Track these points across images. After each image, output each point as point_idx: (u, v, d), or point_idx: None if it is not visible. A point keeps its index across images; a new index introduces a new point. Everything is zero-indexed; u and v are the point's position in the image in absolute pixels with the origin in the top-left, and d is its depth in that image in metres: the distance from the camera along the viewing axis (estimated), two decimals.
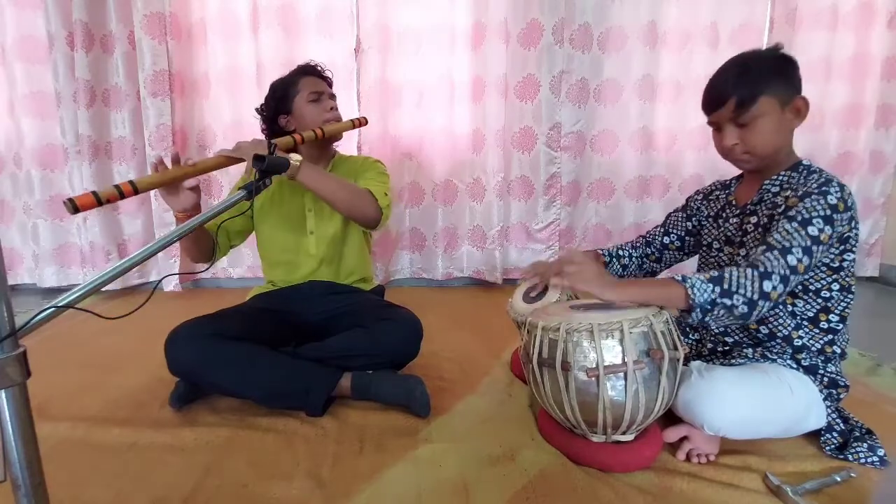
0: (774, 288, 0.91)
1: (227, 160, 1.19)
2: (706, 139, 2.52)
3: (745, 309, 0.91)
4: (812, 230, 0.92)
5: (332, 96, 1.50)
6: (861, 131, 2.55)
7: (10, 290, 0.57)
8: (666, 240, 1.32)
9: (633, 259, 1.34)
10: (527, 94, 2.42)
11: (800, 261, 0.91)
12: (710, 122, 1.07)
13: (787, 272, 0.91)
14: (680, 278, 0.95)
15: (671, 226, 1.32)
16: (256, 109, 1.51)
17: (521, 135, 2.48)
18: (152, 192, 2.36)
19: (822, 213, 0.93)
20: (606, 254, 1.33)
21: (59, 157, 2.41)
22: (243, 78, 2.36)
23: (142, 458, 1.06)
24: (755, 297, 0.91)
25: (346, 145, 2.33)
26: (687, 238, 1.30)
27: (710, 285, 0.92)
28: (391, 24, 2.36)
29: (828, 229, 0.93)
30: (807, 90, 1.01)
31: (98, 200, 0.91)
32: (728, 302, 0.91)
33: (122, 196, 0.97)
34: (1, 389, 0.55)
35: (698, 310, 0.92)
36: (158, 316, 1.36)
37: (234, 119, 2.39)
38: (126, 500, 0.93)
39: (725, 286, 0.92)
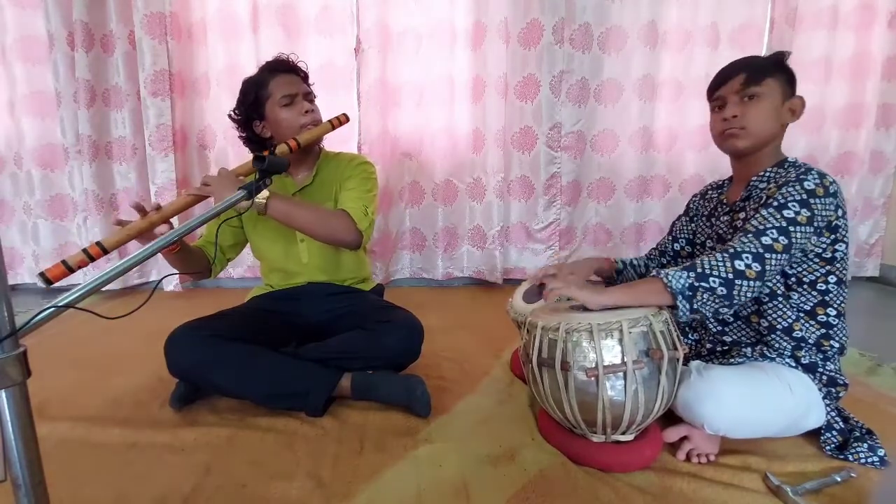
0: (749, 266, 0.92)
1: (195, 199, 1.16)
2: (706, 139, 2.48)
3: (724, 290, 0.93)
4: (787, 213, 0.95)
5: (308, 94, 1.38)
6: (861, 131, 2.55)
7: (11, 289, 0.57)
8: (676, 246, 1.33)
9: (651, 269, 1.35)
10: (527, 93, 2.42)
11: (775, 240, 0.93)
12: (714, 100, 1.11)
13: (761, 250, 0.93)
14: (654, 272, 0.98)
15: (677, 232, 1.34)
16: (229, 115, 1.41)
17: (521, 135, 2.48)
18: (152, 193, 2.38)
19: (797, 197, 0.96)
20: (620, 262, 1.35)
21: (59, 156, 2.41)
22: (243, 78, 2.34)
23: (142, 457, 1.06)
24: (730, 276, 0.92)
25: (346, 145, 2.34)
26: (694, 241, 1.31)
27: (685, 272, 0.94)
28: (391, 24, 2.36)
29: (805, 212, 0.95)
30: (807, 90, 1.03)
31: (69, 269, 0.89)
32: (706, 285, 0.93)
33: (92, 259, 0.96)
34: (1, 389, 0.55)
35: (681, 298, 0.94)
36: (158, 316, 1.36)
37: None
38: (126, 500, 0.93)
39: (699, 270, 0.94)
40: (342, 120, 1.36)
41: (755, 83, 1.03)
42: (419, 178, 2.53)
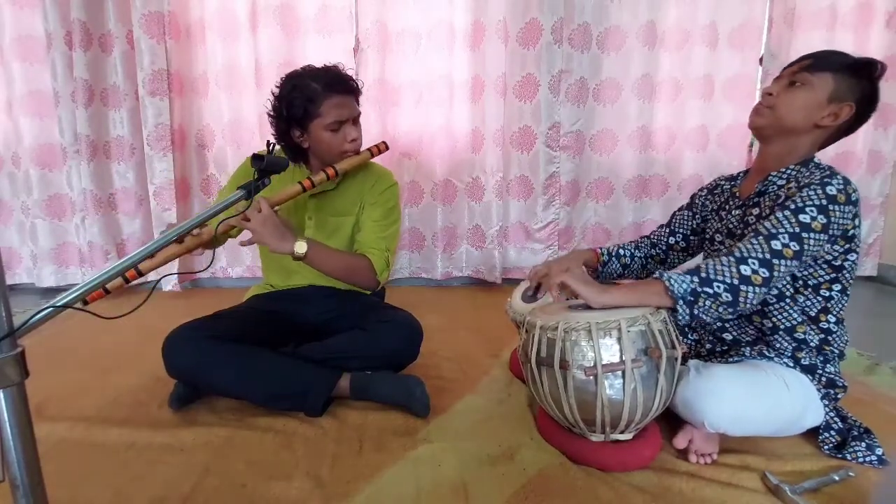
0: (755, 272, 0.90)
1: (231, 228, 1.17)
2: (705, 139, 2.53)
3: (729, 296, 0.91)
4: (803, 217, 0.92)
5: (357, 117, 1.36)
6: (859, 130, 2.54)
7: (9, 289, 0.57)
8: (672, 240, 1.31)
9: (636, 259, 1.33)
10: (526, 93, 2.42)
11: (786, 245, 0.91)
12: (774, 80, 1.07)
13: (769, 256, 0.91)
14: (657, 274, 0.96)
15: (677, 225, 1.31)
16: (268, 114, 1.34)
17: (520, 134, 2.48)
18: (150, 193, 2.38)
19: (816, 202, 0.93)
20: (605, 252, 1.32)
21: (57, 156, 2.41)
22: (242, 77, 2.35)
23: (141, 458, 1.06)
24: (735, 281, 0.91)
25: None
26: (692, 238, 1.29)
27: (688, 276, 0.93)
28: (390, 24, 2.36)
29: (821, 218, 0.92)
30: None
31: (106, 291, 0.93)
32: (710, 290, 0.91)
33: (127, 282, 0.99)
34: None
35: (682, 303, 0.92)
36: (157, 316, 1.36)
37: (232, 118, 2.39)
38: (125, 500, 0.93)
39: (703, 275, 0.92)
40: (381, 148, 1.37)
41: (812, 70, 0.99)
42: (418, 178, 2.53)
